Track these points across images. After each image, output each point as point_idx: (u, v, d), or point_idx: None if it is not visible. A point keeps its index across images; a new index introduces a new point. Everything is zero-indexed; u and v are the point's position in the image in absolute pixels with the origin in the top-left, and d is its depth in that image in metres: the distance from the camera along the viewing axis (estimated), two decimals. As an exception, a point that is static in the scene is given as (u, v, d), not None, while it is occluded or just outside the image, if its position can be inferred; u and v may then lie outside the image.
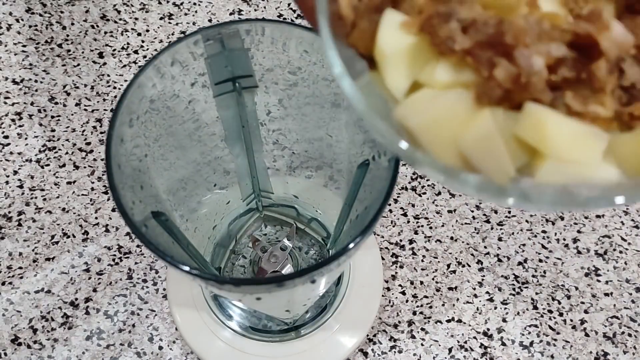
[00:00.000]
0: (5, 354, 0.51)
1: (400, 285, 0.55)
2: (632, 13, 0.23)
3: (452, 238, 0.57)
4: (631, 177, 0.22)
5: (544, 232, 0.57)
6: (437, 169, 0.22)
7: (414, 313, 0.53)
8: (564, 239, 0.57)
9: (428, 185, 0.59)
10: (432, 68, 0.23)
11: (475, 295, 0.54)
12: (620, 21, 0.22)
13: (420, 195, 0.59)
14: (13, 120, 0.62)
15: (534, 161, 0.22)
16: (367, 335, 0.52)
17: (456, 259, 0.56)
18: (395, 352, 0.52)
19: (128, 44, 0.66)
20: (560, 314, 0.54)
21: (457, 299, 0.54)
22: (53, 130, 0.61)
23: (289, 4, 0.70)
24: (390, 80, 0.23)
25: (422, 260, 0.56)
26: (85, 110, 0.62)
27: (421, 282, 0.55)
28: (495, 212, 0.58)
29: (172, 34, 0.67)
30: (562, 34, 0.21)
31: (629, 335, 0.53)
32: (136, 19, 0.68)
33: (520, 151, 0.22)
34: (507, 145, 0.21)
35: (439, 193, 0.59)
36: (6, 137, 0.61)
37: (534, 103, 0.21)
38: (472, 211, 0.58)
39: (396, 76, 0.23)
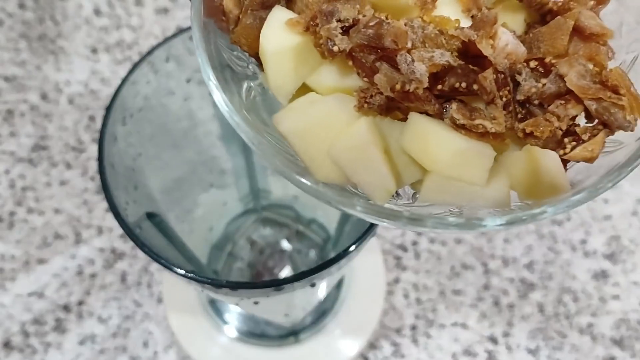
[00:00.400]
0: (-4, 359, 0.50)
1: (403, 288, 0.54)
2: (545, 24, 0.21)
3: (456, 240, 0.56)
4: (523, 198, 0.20)
5: (550, 233, 0.56)
6: (302, 184, 0.20)
7: (417, 317, 0.52)
8: (571, 241, 0.56)
9: (431, 185, 0.58)
10: (318, 72, 0.21)
11: (480, 299, 0.53)
12: (530, 32, 0.20)
13: (422, 195, 0.58)
14: (5, 118, 0.60)
15: (425, 177, 0.20)
16: (369, 340, 0.51)
17: (460, 261, 0.55)
18: (397, 357, 0.51)
19: (122, 39, 0.65)
20: (567, 318, 0.53)
21: (462, 303, 0.53)
22: (45, 129, 0.60)
23: None
24: (273, 83, 0.21)
25: (426, 263, 0.55)
26: (78, 108, 0.61)
27: (424, 285, 0.54)
28: (500, 212, 0.57)
29: (168, 29, 0.66)
30: (449, 41, 0.19)
31: (637, 339, 0.52)
32: (131, 14, 0.66)
33: (412, 166, 0.20)
34: (395, 159, 0.20)
35: (442, 193, 0.58)
36: (-3, 135, 0.60)
37: (418, 114, 0.19)
38: (476, 212, 0.57)
39: (280, 78, 0.21)
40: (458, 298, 0.53)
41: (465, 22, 0.21)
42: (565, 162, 0.20)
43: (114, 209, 0.32)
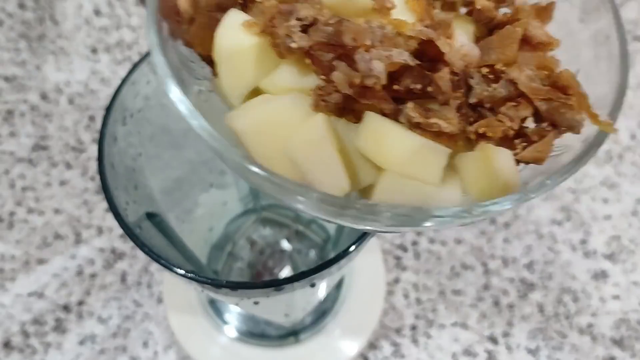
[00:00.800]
0: (-4, 359, 0.50)
1: (403, 288, 0.54)
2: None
3: (456, 240, 0.56)
4: (476, 199, 0.20)
5: (550, 233, 0.56)
6: (256, 175, 0.19)
7: (417, 317, 0.52)
8: (571, 241, 0.56)
9: (431, 185, 0.58)
10: (274, 73, 0.21)
11: (480, 299, 0.53)
12: (478, 43, 0.21)
13: (422, 195, 0.58)
14: (5, 118, 0.60)
15: (378, 177, 0.20)
16: (369, 340, 0.51)
17: (460, 261, 0.55)
18: (397, 357, 0.51)
19: (122, 39, 0.65)
20: (567, 318, 0.53)
21: (462, 303, 0.53)
22: (45, 129, 0.60)
23: None
24: (226, 83, 0.22)
25: (426, 263, 0.55)
26: (78, 108, 0.61)
27: (424, 285, 0.54)
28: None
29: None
30: (406, 41, 0.20)
31: (637, 339, 0.52)
32: (131, 14, 0.66)
33: (368, 166, 0.20)
34: (351, 159, 0.20)
35: (442, 193, 0.58)
36: (-3, 135, 0.60)
37: (374, 113, 0.19)
38: (476, 212, 0.57)
39: (234, 79, 0.21)
40: (458, 298, 0.53)
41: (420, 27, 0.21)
42: (516, 163, 0.21)
43: (114, 209, 0.32)
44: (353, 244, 0.31)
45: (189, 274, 0.31)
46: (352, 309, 0.50)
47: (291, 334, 0.49)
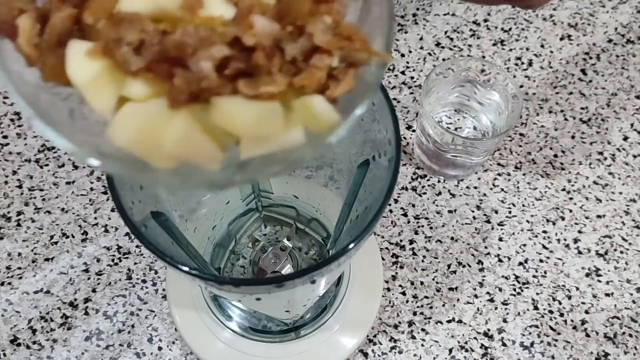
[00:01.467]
0: (4, 355, 0.51)
1: (400, 285, 0.55)
2: None
3: (452, 238, 0.57)
4: (314, 132, 0.25)
5: (544, 232, 0.57)
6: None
7: (414, 313, 0.53)
8: (565, 239, 0.57)
9: (428, 186, 0.59)
10: (129, 84, 0.24)
11: (476, 296, 0.54)
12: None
13: (420, 195, 0.59)
14: (12, 120, 0.61)
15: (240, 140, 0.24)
16: (367, 336, 0.52)
17: (456, 259, 0.56)
18: (395, 352, 0.52)
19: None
20: (561, 315, 0.54)
21: (458, 300, 0.54)
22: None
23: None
24: (95, 105, 0.24)
25: (423, 261, 0.56)
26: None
27: (421, 283, 0.55)
28: (496, 212, 0.58)
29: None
30: (221, 36, 0.23)
31: (630, 335, 0.53)
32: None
33: (227, 135, 0.24)
34: (212, 134, 0.24)
35: (439, 193, 0.59)
36: (5, 137, 0.61)
37: (218, 97, 0.23)
38: (473, 211, 0.58)
39: (98, 99, 0.24)
40: (454, 295, 0.54)
41: (230, 11, 0.24)
42: (335, 99, 0.25)
43: (120, 208, 0.32)
44: (352, 241, 0.32)
45: (194, 271, 0.31)
46: (351, 306, 0.50)
47: (292, 330, 0.50)
